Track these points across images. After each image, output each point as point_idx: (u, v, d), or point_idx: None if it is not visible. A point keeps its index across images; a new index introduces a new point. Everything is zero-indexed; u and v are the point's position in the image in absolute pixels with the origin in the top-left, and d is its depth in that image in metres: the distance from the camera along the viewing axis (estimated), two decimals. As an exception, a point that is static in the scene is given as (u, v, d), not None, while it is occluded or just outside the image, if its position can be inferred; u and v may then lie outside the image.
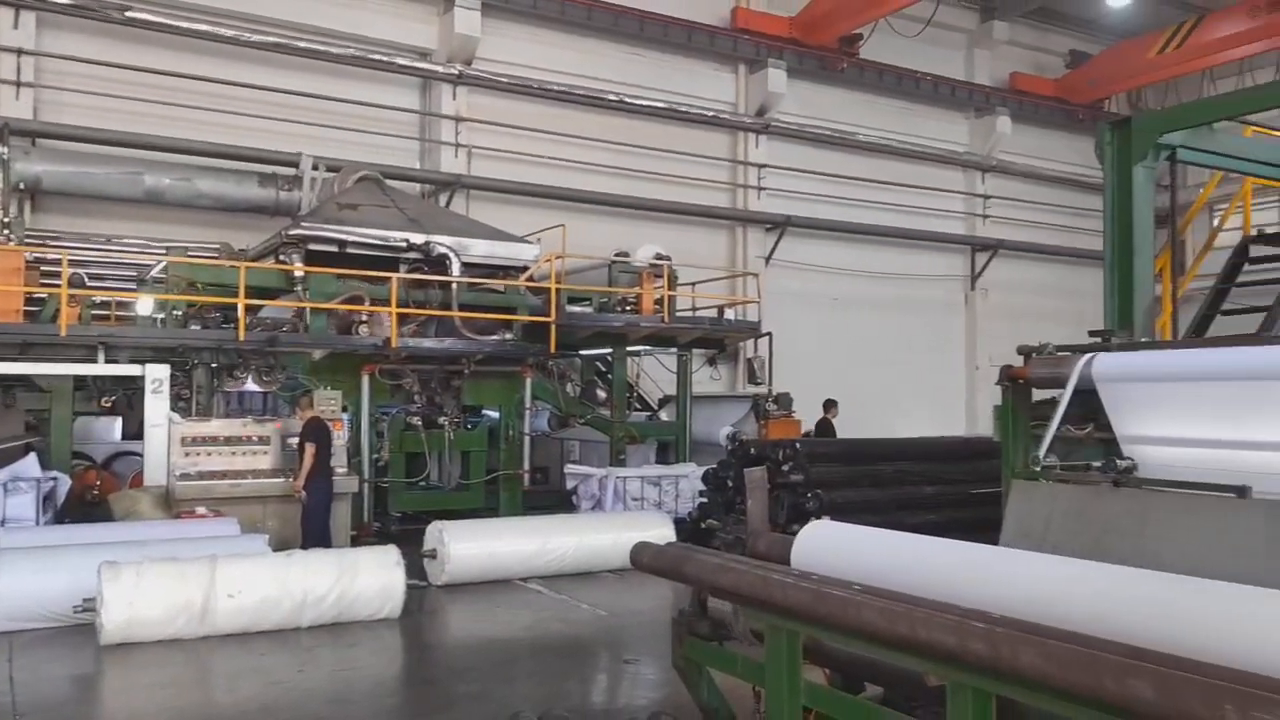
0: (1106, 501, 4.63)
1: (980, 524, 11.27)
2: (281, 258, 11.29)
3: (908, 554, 3.92)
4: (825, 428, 14.29)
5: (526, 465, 12.32)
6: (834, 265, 19.82)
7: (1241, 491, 4.13)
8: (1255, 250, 7.70)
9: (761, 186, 18.91)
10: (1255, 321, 7.19)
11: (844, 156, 19.95)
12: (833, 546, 4.11)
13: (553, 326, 12.09)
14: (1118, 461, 4.65)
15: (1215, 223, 8.97)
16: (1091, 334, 5.63)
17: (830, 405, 14.20)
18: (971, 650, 2.69)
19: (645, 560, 4.13)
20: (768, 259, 18.70)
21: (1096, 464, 4.86)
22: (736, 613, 4.02)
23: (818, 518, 10.03)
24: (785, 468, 10.46)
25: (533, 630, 7.53)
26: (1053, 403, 5.24)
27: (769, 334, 14.92)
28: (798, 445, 10.58)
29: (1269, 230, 7.91)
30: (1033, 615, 2.90)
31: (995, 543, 4.76)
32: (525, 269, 12.61)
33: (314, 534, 9.20)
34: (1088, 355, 4.79)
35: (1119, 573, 3.18)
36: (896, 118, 20.64)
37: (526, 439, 12.31)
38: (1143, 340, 5.26)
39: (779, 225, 18.79)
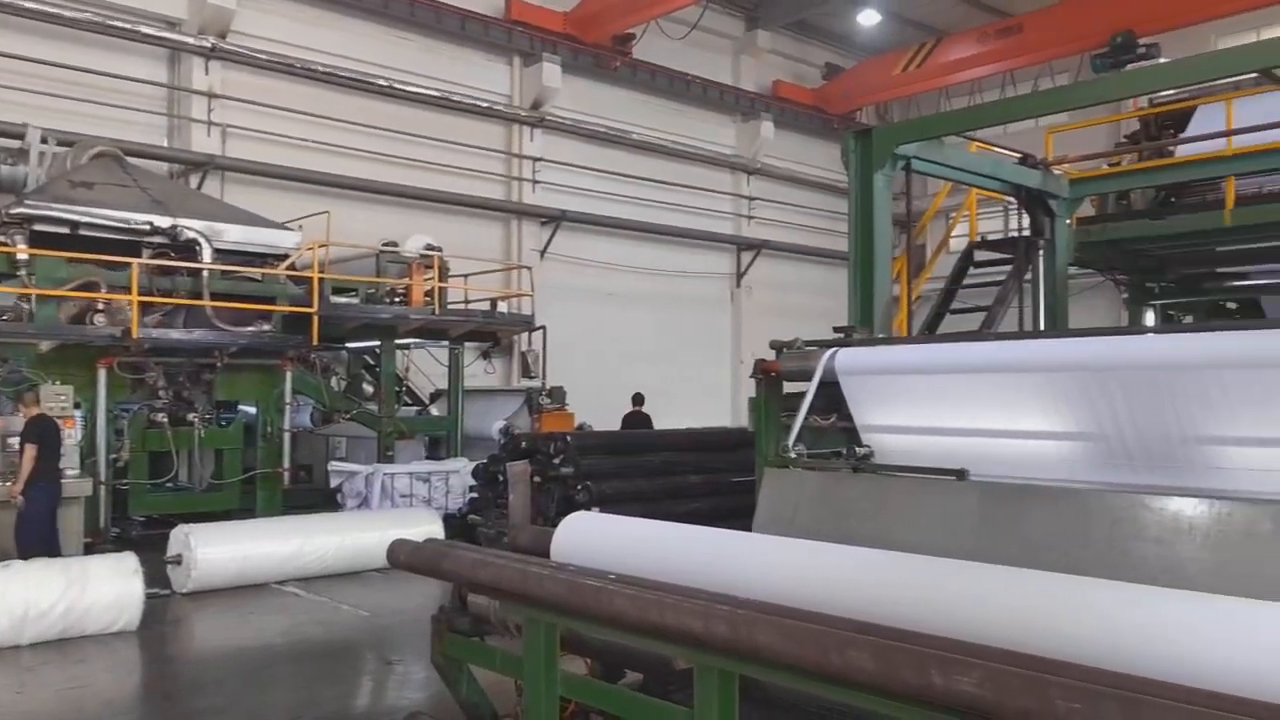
0: (847, 486, 4.91)
1: (744, 510, 11.77)
2: (1, 239, 10.19)
3: (664, 542, 4.03)
4: (638, 420, 14.53)
5: (287, 464, 11.74)
6: (608, 261, 20.13)
7: (960, 474, 4.50)
8: (980, 255, 8.47)
9: (537, 180, 18.90)
10: (979, 319, 7.92)
11: (619, 154, 20.29)
12: (593, 538, 4.16)
13: (315, 318, 11.57)
14: (857, 449, 4.97)
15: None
16: (835, 330, 6.00)
17: (639, 399, 14.49)
18: (715, 633, 2.79)
19: (403, 558, 4.03)
20: (543, 253, 18.75)
21: (839, 452, 5.18)
22: (496, 608, 4.00)
23: (588, 509, 10.17)
24: (556, 460, 10.55)
25: (289, 635, 7.18)
26: (802, 395, 5.55)
27: (543, 328, 14.96)
28: (568, 438, 10.69)
29: (991, 238, 8.70)
30: (780, 596, 3.05)
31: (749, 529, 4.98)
32: (286, 257, 12.00)
33: (32, 544, 8.27)
34: (831, 350, 5.09)
35: (854, 552, 3.39)
36: (669, 118, 21.20)
37: (287, 436, 11.73)
38: (880, 336, 5.63)
39: (554, 219, 18.87)
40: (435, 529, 9.60)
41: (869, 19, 22.63)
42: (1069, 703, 2.04)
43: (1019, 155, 7.52)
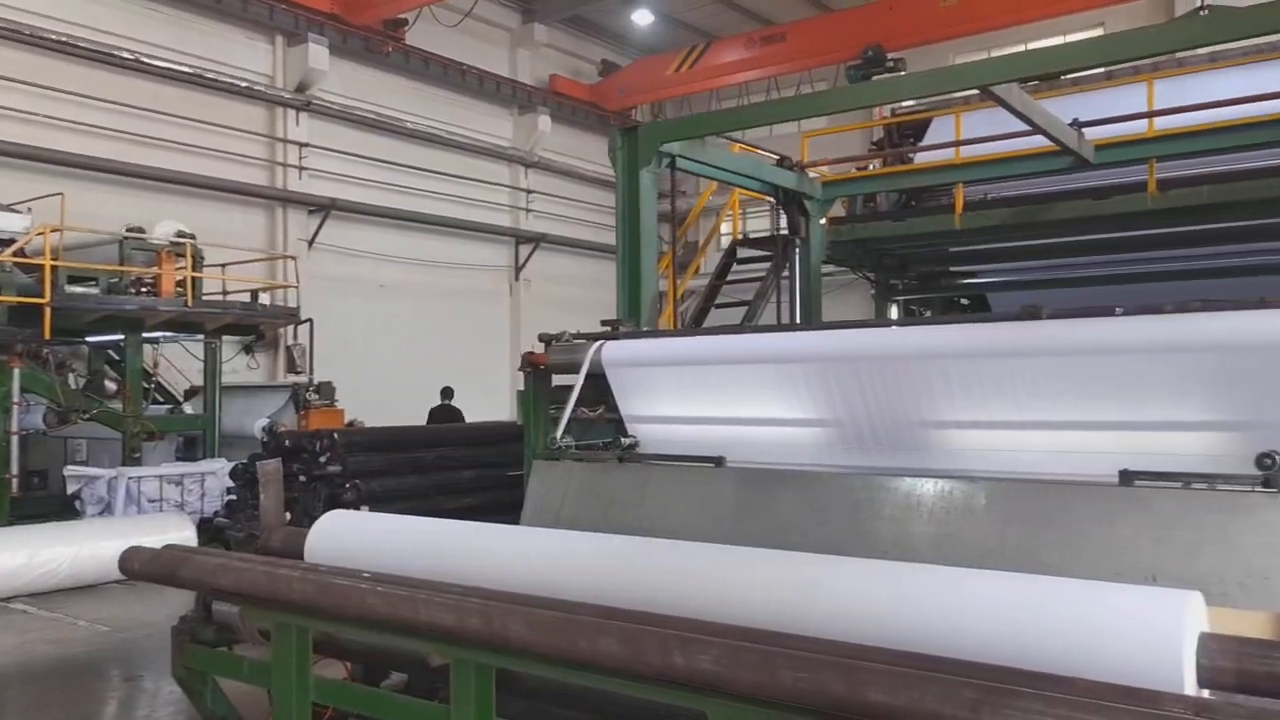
0: (613, 476, 5.01)
1: (519, 504, 11.79)
2: None
3: (424, 538, 3.96)
4: (447, 414, 14.14)
5: (15, 469, 10.65)
6: (382, 252, 19.51)
7: (718, 462, 4.69)
8: (743, 252, 8.86)
9: (303, 166, 18.05)
10: (743, 314, 8.28)
11: (392, 142, 19.69)
12: (350, 537, 4.02)
13: (47, 309, 10.55)
14: (623, 440, 5.08)
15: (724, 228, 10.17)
16: (603, 323, 6.10)
17: (449, 392, 14.11)
18: (468, 627, 2.77)
19: (137, 566, 3.76)
20: (310, 242, 17.94)
21: (606, 442, 5.28)
22: (242, 614, 3.80)
23: (357, 508, 9.85)
24: (323, 459, 10.14)
25: (15, 655, 6.51)
26: (571, 388, 5.61)
27: (309, 320, 14.32)
28: (335, 435, 10.31)
29: (754, 236, 9.11)
30: (540, 588, 3.06)
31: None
32: (12, 242, 10.86)
33: None
34: (598, 343, 5.17)
35: (609, 540, 3.45)
36: (444, 108, 20.80)
37: (15, 439, 10.63)
38: (645, 329, 5.76)
39: (323, 208, 18.09)
40: (187, 535, 9.01)
41: (643, 18, 23.12)
42: (795, 673, 2.17)
43: (777, 157, 7.91)
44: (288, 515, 9.52)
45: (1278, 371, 3.35)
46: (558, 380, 5.64)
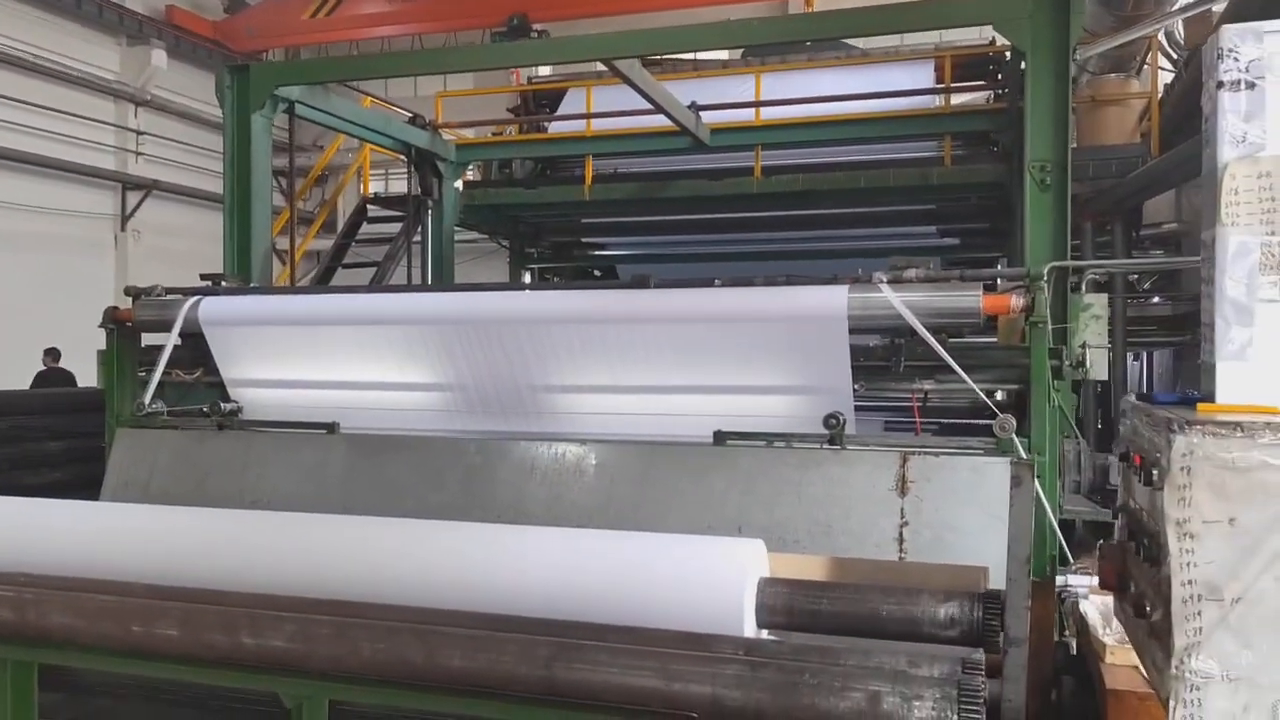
0: (212, 445, 4.63)
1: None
2: None
3: None
4: (58, 378, 12.12)
5: None
6: (-53, 189, 16.66)
7: (330, 428, 4.46)
8: (375, 211, 8.53)
9: None
10: (371, 275, 7.97)
11: (-35, 62, 16.82)
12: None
13: None
14: (223, 405, 4.68)
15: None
16: (203, 277, 5.58)
17: (55, 353, 12.11)
18: (-2, 618, 2.38)
19: None
20: None
21: (204, 409, 4.85)
22: None
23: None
24: None
25: None
26: (163, 348, 5.08)
27: None
28: None
29: (386, 195, 8.80)
30: (93, 571, 2.71)
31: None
32: None
33: None
34: (195, 298, 4.72)
35: (178, 513, 3.13)
36: (32, 28, 18.05)
37: None
38: (251, 286, 5.36)
39: None
40: None
41: (277, -45, 21.50)
42: (373, 644, 2.07)
43: (409, 115, 7.66)
44: None
45: (840, 341, 3.72)
46: (150, 340, 5.10)
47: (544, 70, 10.42)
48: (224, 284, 5.16)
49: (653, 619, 2.18)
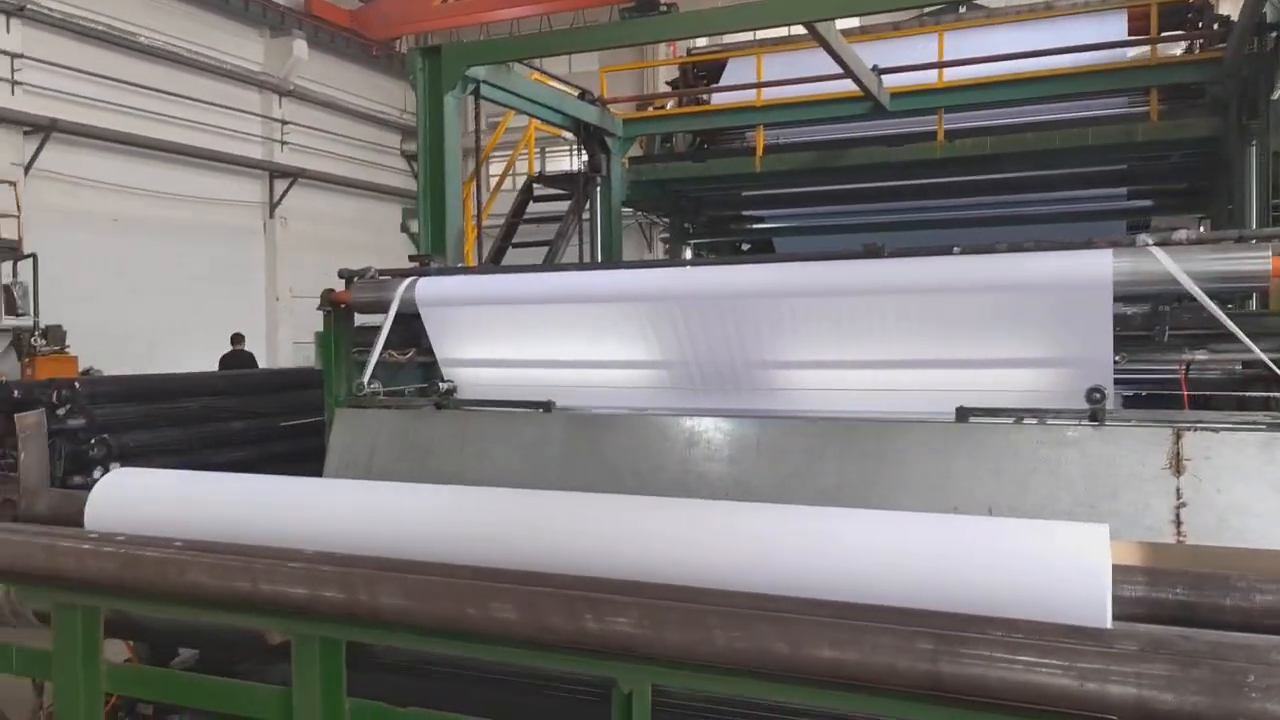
0: (430, 424, 4.66)
1: (297, 456, 11.02)
2: None
3: (232, 497, 3.47)
4: (239, 360, 12.82)
5: None
6: (116, 182, 17.50)
7: (547, 406, 4.44)
8: (540, 190, 8.54)
9: (16, 81, 15.80)
10: (538, 255, 7.98)
11: (123, 58, 17.61)
12: (140, 499, 3.45)
13: None
14: (440, 384, 4.72)
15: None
16: (412, 259, 5.65)
17: (239, 337, 12.80)
18: (327, 599, 2.39)
19: None
20: (27, 168, 15.78)
21: (421, 388, 4.92)
22: (15, 595, 3.17)
23: (105, 466, 8.81)
24: (61, 412, 8.97)
25: None
26: (375, 329, 5.16)
27: (33, 256, 12.59)
28: (76, 385, 9.14)
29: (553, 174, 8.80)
30: (382, 550, 2.73)
31: (319, 474, 4.55)
32: None
33: None
34: (410, 279, 4.76)
35: (453, 492, 3.13)
36: (185, 24, 18.82)
37: None
38: (460, 265, 5.40)
39: (43, 129, 15.94)
40: (-105, 502, 7.69)
41: (409, -58, 21.82)
42: (728, 632, 1.99)
43: (579, 91, 7.62)
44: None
45: (1102, 309, 3.49)
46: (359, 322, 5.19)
47: (700, 42, 10.25)
48: (431, 265, 5.23)
49: (1000, 609, 2.05)
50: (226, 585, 2.50)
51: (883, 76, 7.04)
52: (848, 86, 6.95)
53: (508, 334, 4.70)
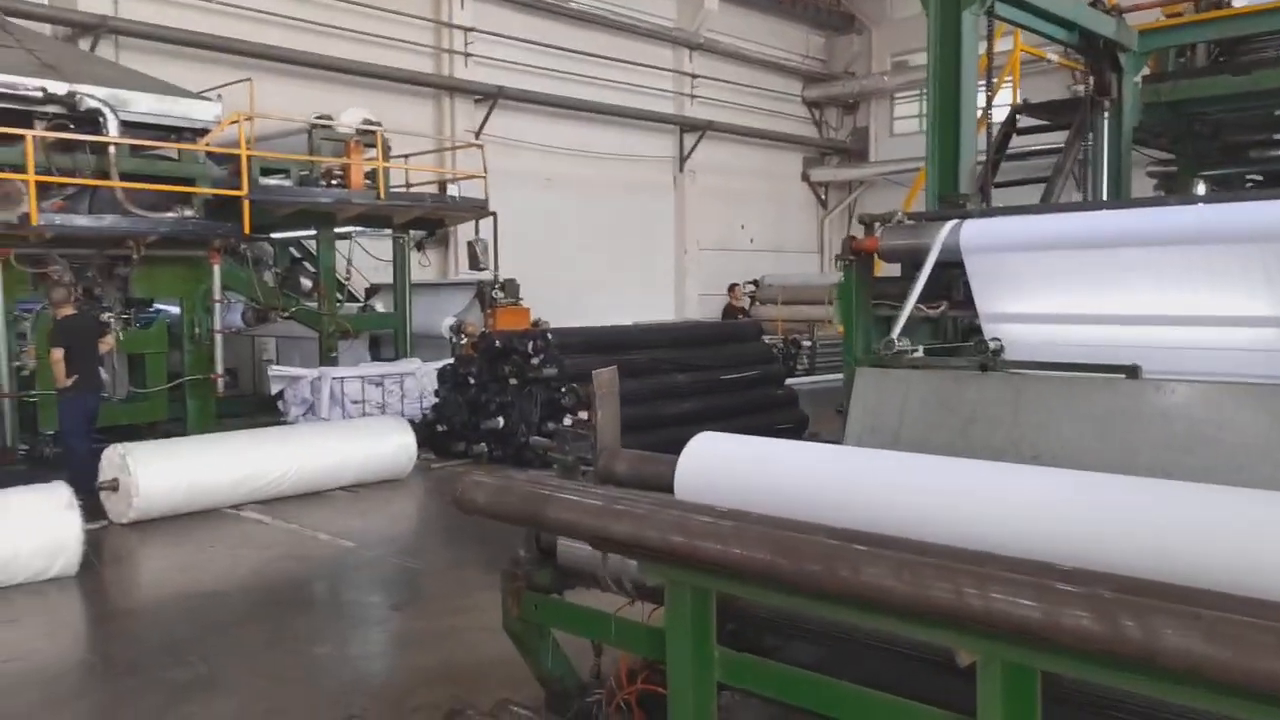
0: (974, 388, 4.01)
1: (735, 411, 10.94)
2: None
3: (822, 469, 3.10)
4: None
5: (220, 369, 10.39)
6: (546, 143, 18.65)
7: (1131, 372, 3.62)
8: (1023, 122, 7.59)
9: (469, 53, 17.22)
10: (1028, 194, 7.05)
11: (555, 25, 18.62)
12: (722, 466, 3.20)
13: (245, 202, 10.07)
14: (987, 343, 4.10)
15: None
16: (943, 199, 5.06)
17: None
18: (1064, 624, 1.87)
19: (483, 502, 2.99)
20: (477, 133, 17.19)
21: (958, 345, 4.32)
22: (605, 560, 3.03)
23: (574, 415, 9.17)
24: (535, 361, 9.49)
25: (262, 575, 6.06)
26: (896, 280, 4.65)
27: (494, 214, 13.61)
28: (549, 336, 9.63)
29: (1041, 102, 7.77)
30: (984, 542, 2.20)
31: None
32: (205, 132, 10.39)
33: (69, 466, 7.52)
34: (953, 221, 4.15)
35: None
36: (601, -16, 19.53)
37: (219, 338, 10.35)
38: (1007, 206, 4.70)
39: (490, 97, 17.28)
40: (408, 440, 8.52)
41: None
42: None
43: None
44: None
45: None
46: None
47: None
48: (969, 205, 4.60)
49: None
50: (919, 593, 2.05)
51: None
52: None
53: (1069, 284, 3.96)
